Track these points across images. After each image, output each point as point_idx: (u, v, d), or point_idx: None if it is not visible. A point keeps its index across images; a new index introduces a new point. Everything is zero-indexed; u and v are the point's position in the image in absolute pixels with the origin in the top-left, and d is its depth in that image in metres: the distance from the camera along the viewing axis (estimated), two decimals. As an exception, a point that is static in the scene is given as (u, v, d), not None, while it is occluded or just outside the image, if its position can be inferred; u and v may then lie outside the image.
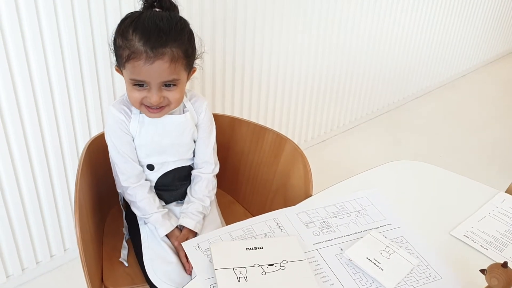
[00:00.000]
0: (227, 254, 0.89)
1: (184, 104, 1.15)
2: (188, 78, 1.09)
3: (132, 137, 1.12)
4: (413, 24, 2.72)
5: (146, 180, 1.17)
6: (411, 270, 0.90)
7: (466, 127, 2.90)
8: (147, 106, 1.05)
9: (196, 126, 1.17)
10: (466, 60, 3.50)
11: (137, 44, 0.97)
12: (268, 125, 1.91)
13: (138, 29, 0.98)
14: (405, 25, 2.66)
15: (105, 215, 1.34)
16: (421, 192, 1.13)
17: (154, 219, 1.14)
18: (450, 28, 3.08)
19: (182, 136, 1.15)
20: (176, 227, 1.16)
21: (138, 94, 1.03)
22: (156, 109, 1.05)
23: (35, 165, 1.47)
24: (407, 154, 2.54)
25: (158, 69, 0.98)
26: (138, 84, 1.02)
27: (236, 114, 2.00)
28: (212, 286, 0.84)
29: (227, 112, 1.96)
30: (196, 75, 1.13)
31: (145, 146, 1.13)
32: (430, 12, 2.80)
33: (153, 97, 1.01)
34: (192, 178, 1.23)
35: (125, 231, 1.25)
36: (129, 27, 0.99)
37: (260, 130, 1.31)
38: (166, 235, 1.14)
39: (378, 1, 2.37)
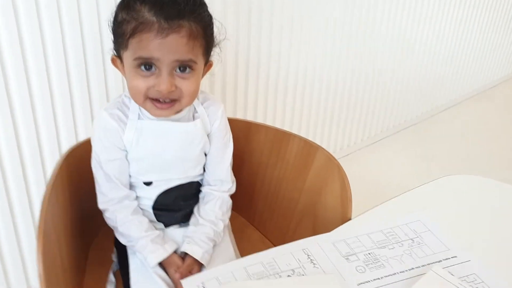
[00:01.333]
0: (242, 299, 0.71)
1: (195, 108, 0.97)
2: (204, 72, 0.92)
3: (126, 150, 0.93)
4: (444, 31, 2.65)
5: (135, 199, 0.98)
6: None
7: (504, 139, 2.75)
8: (153, 100, 0.87)
9: (208, 136, 0.99)
10: (499, 68, 3.42)
11: (147, 14, 0.81)
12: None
13: (147, 0, 0.82)
14: (435, 32, 2.58)
15: (91, 238, 1.15)
16: (489, 215, 0.95)
17: (141, 245, 0.93)
18: (483, 35, 3.01)
19: (189, 149, 0.96)
20: (175, 252, 0.95)
21: (143, 83, 0.84)
22: (165, 103, 0.87)
23: (8, 179, 1.27)
24: (440, 169, 2.38)
25: (172, 43, 0.82)
26: (145, 65, 0.84)
27: (250, 117, 1.84)
28: None
29: (239, 116, 1.79)
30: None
31: (143, 161, 0.94)
32: (463, 19, 2.74)
33: (163, 83, 0.83)
34: (201, 196, 1.04)
35: (115, 258, 1.06)
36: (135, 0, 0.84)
37: (283, 137, 1.14)
38: (162, 265, 0.93)
39: (405, 10, 2.28)
